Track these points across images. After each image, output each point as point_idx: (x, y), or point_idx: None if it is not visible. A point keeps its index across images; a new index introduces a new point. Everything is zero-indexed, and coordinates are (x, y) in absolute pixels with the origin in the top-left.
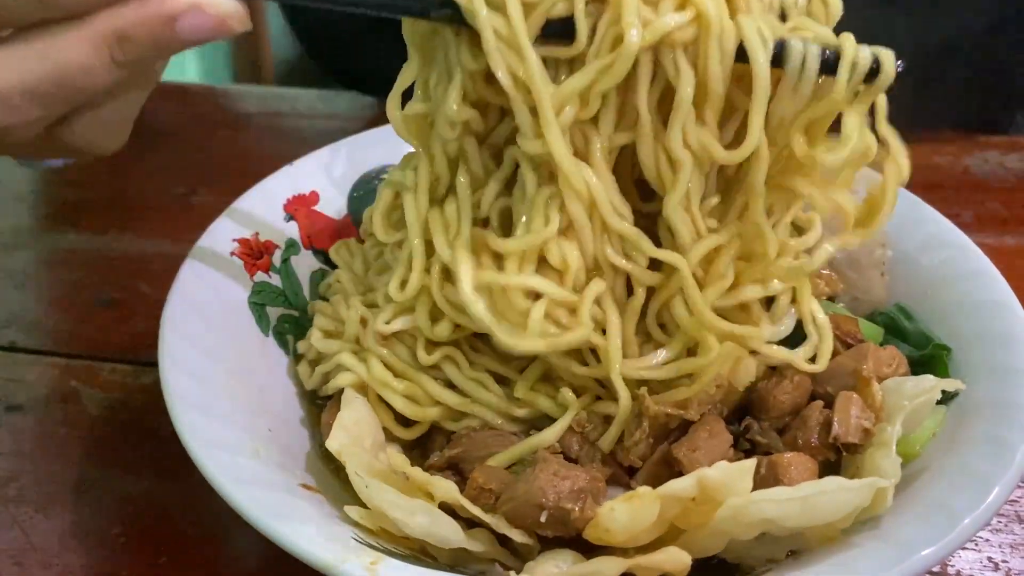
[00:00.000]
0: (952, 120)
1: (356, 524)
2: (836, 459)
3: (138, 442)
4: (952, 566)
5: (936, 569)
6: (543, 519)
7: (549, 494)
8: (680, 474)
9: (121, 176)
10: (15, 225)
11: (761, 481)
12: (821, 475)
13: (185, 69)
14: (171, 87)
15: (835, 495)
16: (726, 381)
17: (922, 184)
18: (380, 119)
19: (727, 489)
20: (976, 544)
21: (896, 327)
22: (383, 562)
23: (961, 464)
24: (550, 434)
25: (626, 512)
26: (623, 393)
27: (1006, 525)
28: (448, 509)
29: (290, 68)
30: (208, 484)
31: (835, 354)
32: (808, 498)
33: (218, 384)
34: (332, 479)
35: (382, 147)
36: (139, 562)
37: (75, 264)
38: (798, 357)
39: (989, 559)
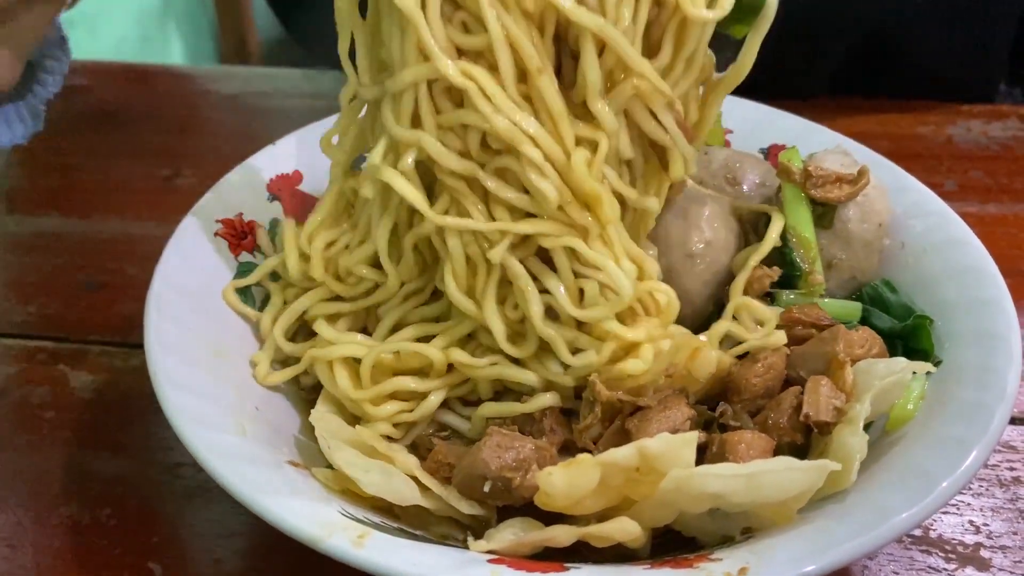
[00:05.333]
0: (934, 88)
1: (325, 487)
2: (804, 442)
3: (127, 424)
4: (934, 530)
5: (918, 533)
6: (487, 489)
7: (492, 464)
8: None
9: (105, 159)
10: (1, 211)
11: (712, 458)
12: (791, 456)
13: (170, 50)
14: (154, 69)
15: (782, 474)
16: (684, 370)
17: (906, 154)
18: None
19: (668, 460)
20: (957, 508)
21: (880, 300)
22: (370, 536)
23: (940, 429)
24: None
25: (564, 477)
26: None
27: (987, 489)
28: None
29: (275, 48)
30: (195, 464)
31: (807, 338)
32: (754, 475)
33: (204, 364)
34: (318, 455)
35: None
36: (131, 542)
37: (61, 248)
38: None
39: (970, 522)
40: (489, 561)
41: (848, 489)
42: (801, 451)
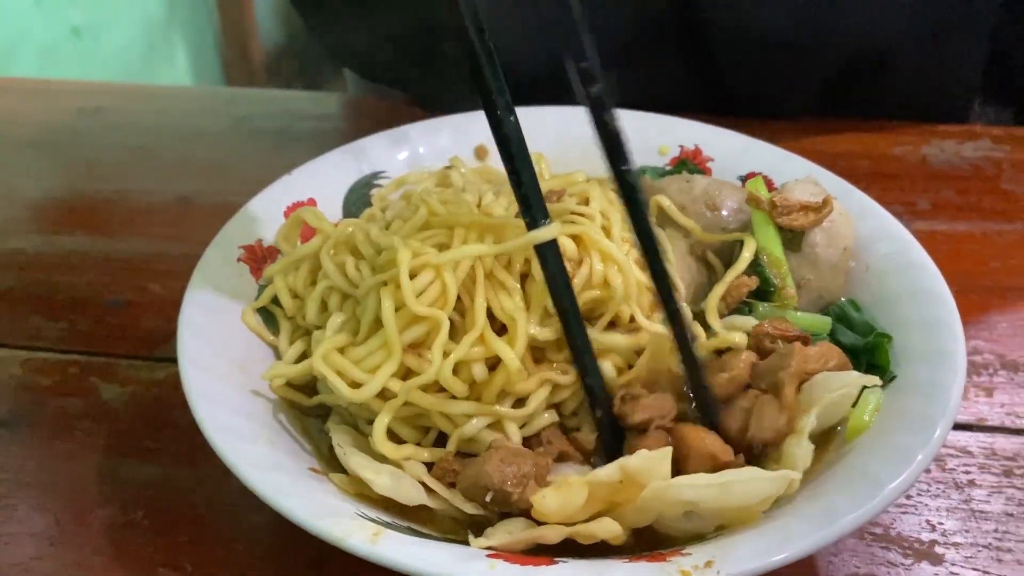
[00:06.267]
0: (912, 108)
1: (342, 491)
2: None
3: (155, 432)
4: (893, 528)
5: (879, 531)
6: (488, 499)
7: (494, 478)
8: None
9: (124, 180)
10: (29, 231)
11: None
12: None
13: (174, 59)
14: (165, 90)
15: (749, 484)
16: (665, 368)
17: (883, 173)
18: (368, 123)
19: (647, 473)
20: (916, 508)
21: (845, 317)
22: (383, 534)
23: (890, 438)
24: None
25: (556, 498)
26: None
27: (943, 491)
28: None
29: (277, 56)
30: (223, 469)
31: (771, 352)
32: (725, 485)
33: (232, 380)
34: (336, 462)
35: (371, 155)
36: (162, 541)
37: (87, 267)
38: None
39: (927, 521)
40: (488, 556)
41: (806, 492)
42: (755, 457)
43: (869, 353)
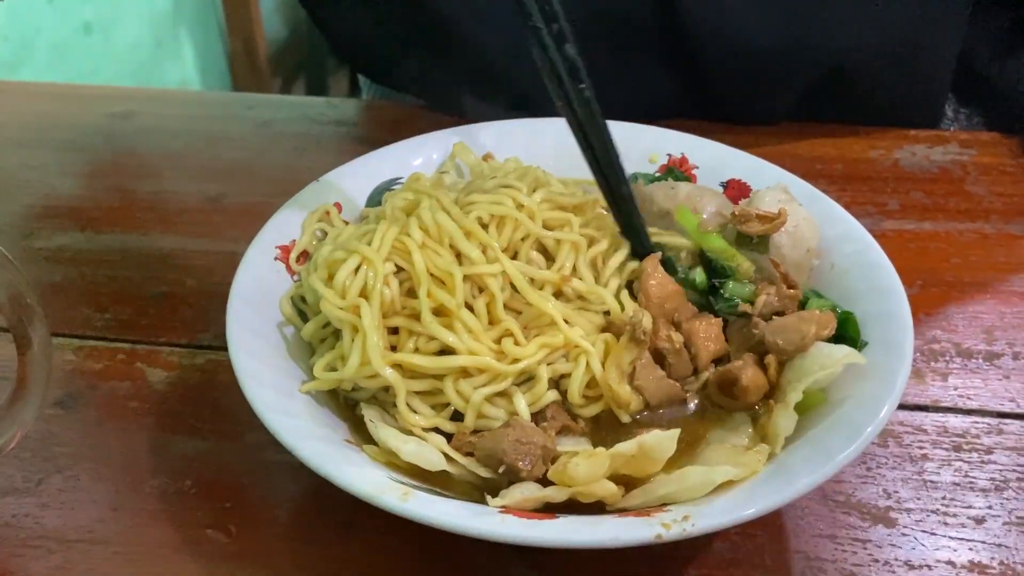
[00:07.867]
0: (885, 114)
1: (373, 459)
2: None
3: (198, 411)
4: (854, 496)
5: (841, 499)
6: (501, 470)
7: (508, 454)
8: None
9: (157, 181)
10: (72, 229)
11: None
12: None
13: (181, 53)
14: (190, 95)
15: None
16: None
17: (857, 175)
18: (382, 128)
19: (659, 449)
20: (875, 479)
21: (809, 303)
22: (412, 494)
23: (844, 414)
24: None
25: (586, 466)
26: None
27: (899, 464)
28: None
29: (281, 51)
30: (260, 443)
31: (783, 312)
32: (706, 471)
33: (275, 364)
34: (367, 435)
35: (389, 163)
36: (209, 507)
37: (127, 262)
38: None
39: (884, 490)
40: (499, 512)
41: (774, 461)
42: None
43: (840, 326)
